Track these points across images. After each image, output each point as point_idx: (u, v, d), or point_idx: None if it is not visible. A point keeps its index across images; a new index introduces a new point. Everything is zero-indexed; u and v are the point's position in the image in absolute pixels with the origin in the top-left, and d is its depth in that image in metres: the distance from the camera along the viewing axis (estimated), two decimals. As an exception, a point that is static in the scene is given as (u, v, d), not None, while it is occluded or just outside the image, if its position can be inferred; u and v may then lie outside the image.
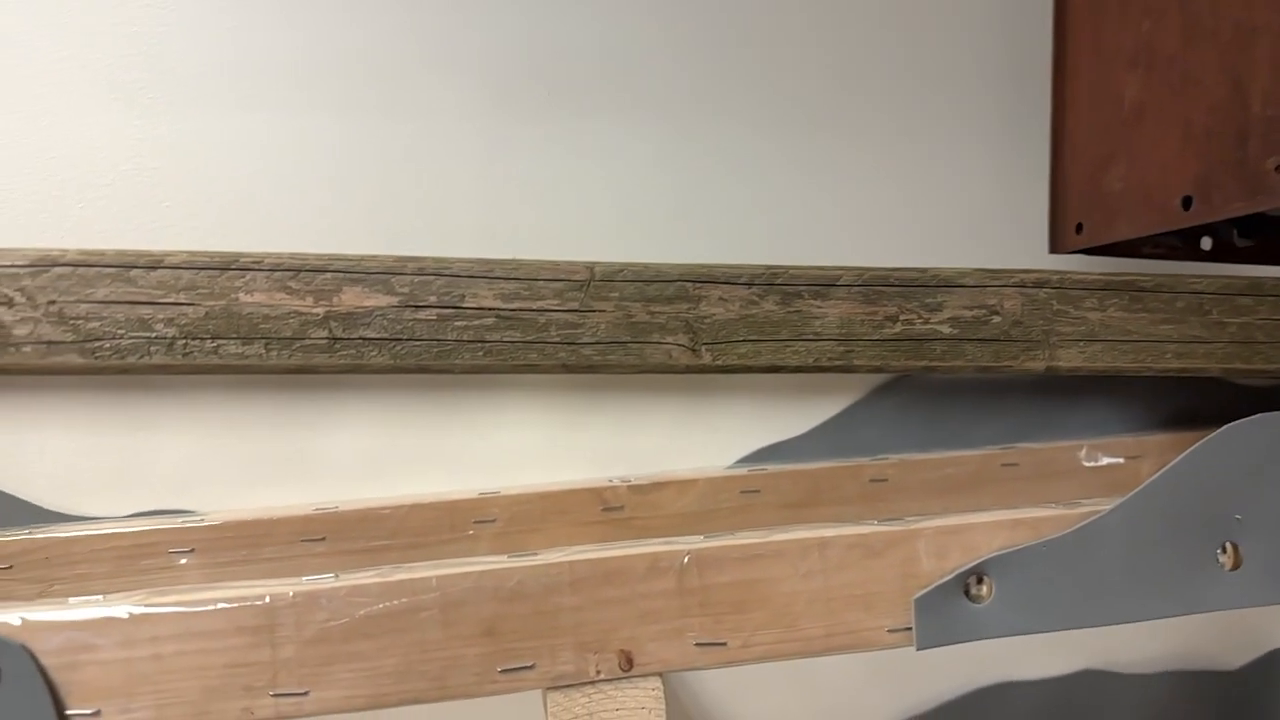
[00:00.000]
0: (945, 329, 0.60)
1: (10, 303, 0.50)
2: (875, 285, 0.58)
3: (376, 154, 0.64)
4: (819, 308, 0.57)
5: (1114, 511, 0.50)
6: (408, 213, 0.65)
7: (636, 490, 0.67)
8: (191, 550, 0.61)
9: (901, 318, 0.59)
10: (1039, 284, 0.62)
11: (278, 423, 0.65)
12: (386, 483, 0.66)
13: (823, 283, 0.59)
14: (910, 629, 0.49)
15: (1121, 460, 0.73)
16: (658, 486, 0.67)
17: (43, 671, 0.41)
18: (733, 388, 0.70)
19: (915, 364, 0.59)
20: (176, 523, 0.61)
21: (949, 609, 0.49)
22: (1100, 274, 0.65)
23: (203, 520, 0.61)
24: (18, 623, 0.42)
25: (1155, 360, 0.64)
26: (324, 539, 0.62)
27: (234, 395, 0.64)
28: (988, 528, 0.50)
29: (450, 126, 0.66)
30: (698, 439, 0.70)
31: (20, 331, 0.51)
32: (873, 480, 0.70)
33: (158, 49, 0.62)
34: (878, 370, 0.58)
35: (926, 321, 0.60)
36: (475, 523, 0.65)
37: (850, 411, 0.72)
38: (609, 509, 0.66)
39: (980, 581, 0.50)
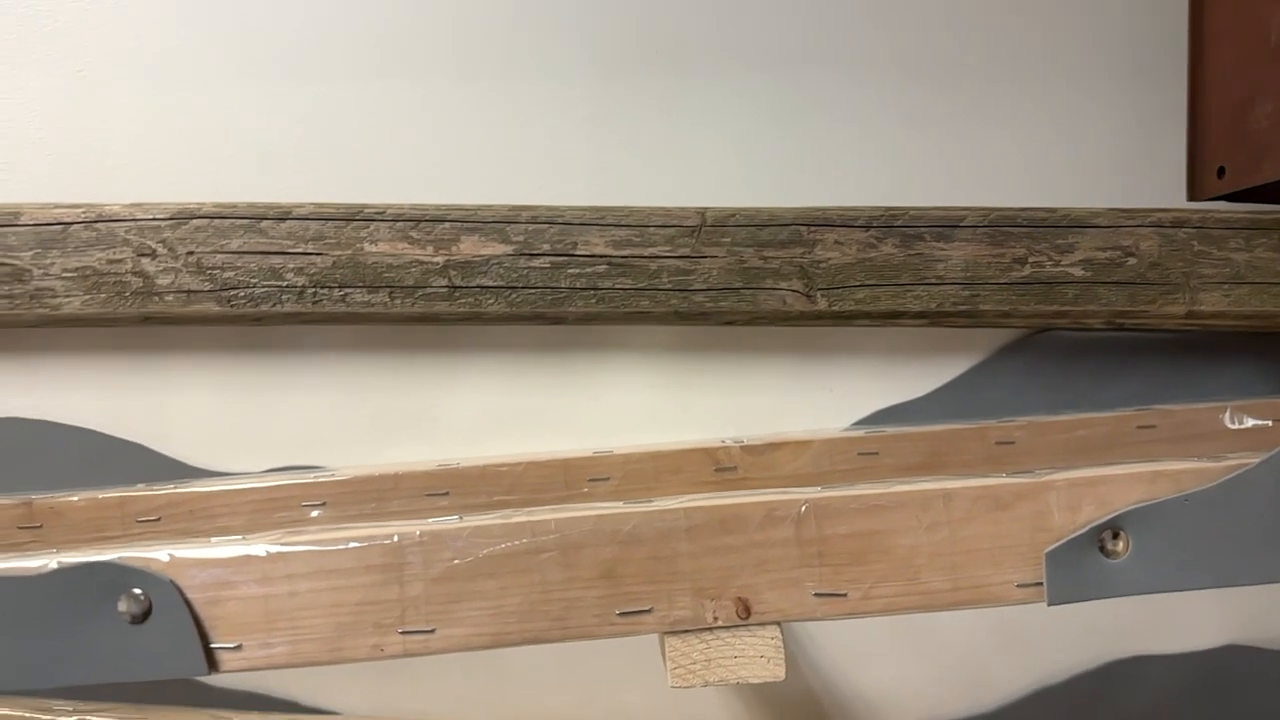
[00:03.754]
0: (1077, 271, 0.57)
1: (153, 254, 0.53)
2: (1002, 226, 0.56)
3: (491, 116, 0.66)
4: (942, 250, 0.55)
5: (1263, 465, 0.47)
6: (522, 174, 0.66)
7: (750, 451, 0.66)
8: (323, 504, 0.63)
9: (1030, 260, 0.57)
10: (1178, 224, 0.58)
11: (401, 383, 0.67)
12: (503, 441, 0.67)
13: (946, 224, 0.56)
14: (1040, 584, 0.47)
15: (1269, 423, 0.68)
16: (772, 447, 0.66)
17: (189, 605, 0.44)
18: (849, 347, 0.68)
19: (1045, 309, 0.56)
20: (308, 478, 0.64)
21: (1082, 564, 0.47)
22: (1246, 213, 0.61)
23: (333, 475, 0.64)
24: (166, 559, 0.44)
25: (1309, 305, 0.60)
26: (447, 493, 0.64)
27: (360, 356, 0.67)
28: (1124, 480, 0.48)
29: (561, 89, 0.66)
30: (813, 400, 0.69)
31: (163, 281, 0.54)
32: (999, 443, 0.67)
33: (280, 23, 0.65)
34: (1005, 316, 0.55)
35: (1057, 264, 0.57)
36: (589, 480, 0.65)
37: (974, 372, 0.69)
38: (722, 469, 0.66)
39: (1116, 536, 0.47)
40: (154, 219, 0.56)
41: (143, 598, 0.43)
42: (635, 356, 0.68)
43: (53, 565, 0.43)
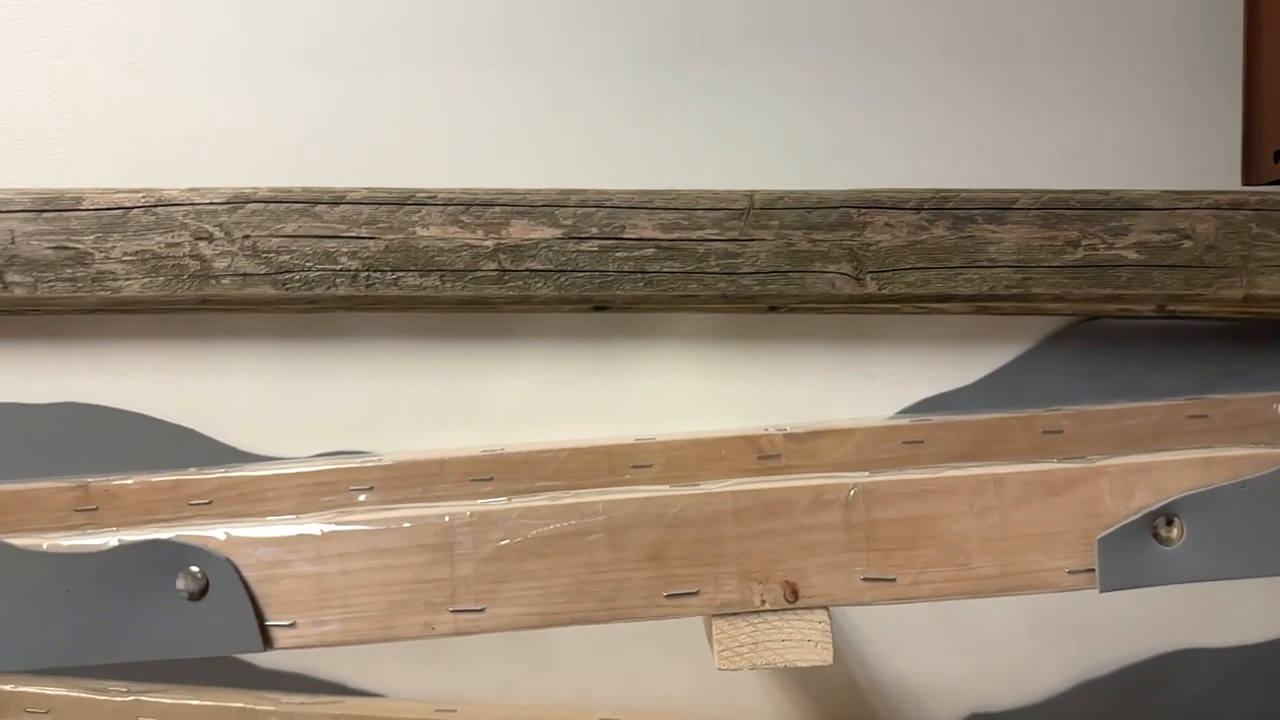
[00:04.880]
0: (1131, 254, 0.56)
1: (210, 237, 0.54)
2: (1055, 208, 0.55)
3: (536, 103, 0.66)
4: (994, 233, 0.55)
5: (1324, 451, 0.46)
6: (568, 160, 0.66)
7: (793, 439, 0.66)
8: (370, 488, 0.64)
9: (1083, 243, 0.56)
10: (1235, 205, 0.57)
11: (446, 370, 0.68)
12: (546, 427, 0.68)
13: (998, 206, 0.56)
14: (1092, 571, 0.46)
15: (1325, 413, 0.67)
16: (815, 435, 0.66)
17: (245, 583, 0.45)
18: (894, 335, 0.68)
19: (1098, 292, 0.55)
20: (355, 462, 0.65)
21: (1135, 551, 0.47)
22: (1308, 195, 0.59)
23: (379, 460, 0.65)
24: (223, 537, 0.45)
25: (1372, 290, 0.59)
26: (491, 479, 0.64)
27: (405, 342, 0.67)
28: (1178, 467, 0.47)
29: (605, 76, 0.67)
30: (856, 388, 0.68)
31: (220, 264, 0.55)
32: (1046, 432, 0.66)
33: (331, 14, 0.66)
34: (1056, 300, 0.55)
35: (1110, 246, 0.56)
36: (632, 467, 0.66)
37: (1021, 360, 0.68)
38: (765, 457, 0.66)
39: (1170, 523, 0.47)
40: (211, 203, 0.57)
41: (200, 575, 0.44)
42: (678, 344, 0.68)
43: (114, 543, 0.44)
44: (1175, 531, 0.46)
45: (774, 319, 0.66)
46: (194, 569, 0.44)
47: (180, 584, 0.44)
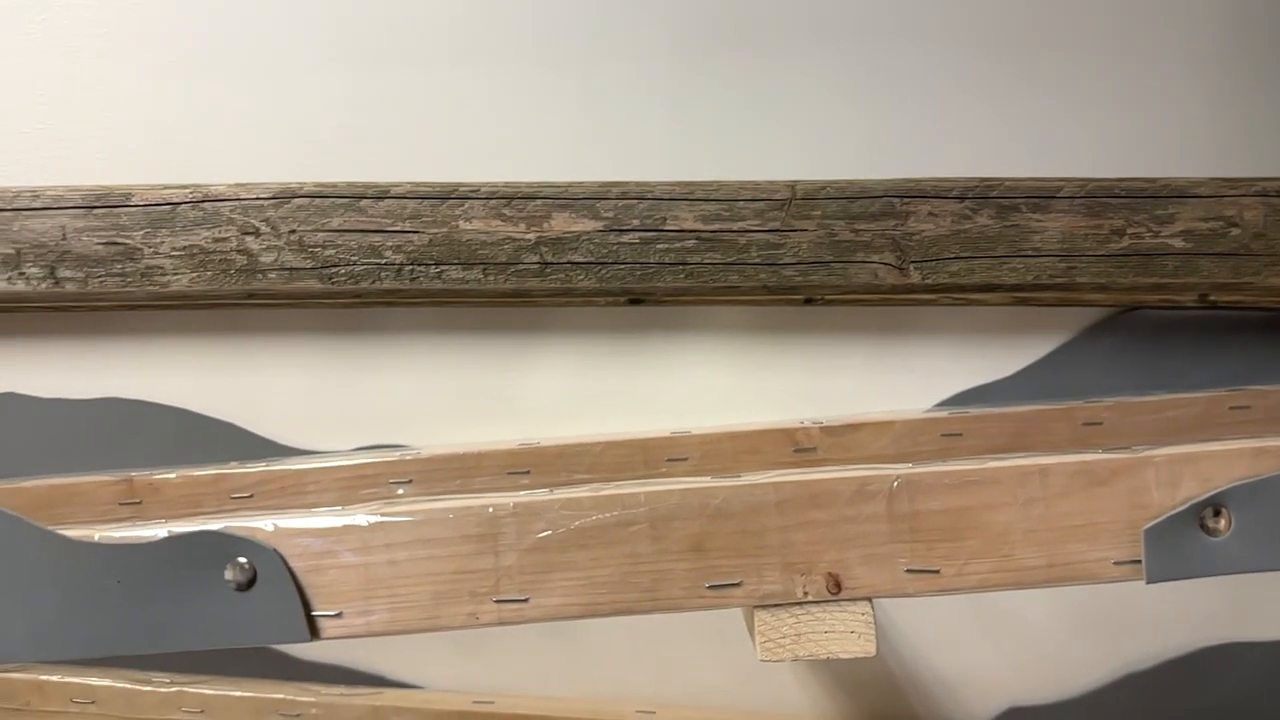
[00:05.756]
0: (1178, 243, 0.56)
1: (257, 232, 0.55)
2: (1100, 196, 0.55)
3: (574, 97, 0.66)
4: (1038, 221, 0.54)
5: (1378, 440, 0.46)
6: (605, 155, 0.66)
7: (830, 432, 0.66)
8: (409, 481, 0.65)
9: (1129, 231, 0.55)
10: (1285, 192, 0.56)
11: (483, 364, 0.68)
12: (582, 421, 0.68)
13: (1042, 194, 0.55)
14: (1139, 562, 0.46)
15: (1371, 405, 0.66)
16: (852, 428, 0.65)
17: (292, 574, 0.45)
18: (931, 327, 0.67)
19: (1144, 281, 0.55)
20: (395, 456, 0.66)
21: (1182, 541, 0.46)
22: (1359, 182, 0.58)
23: (418, 453, 0.65)
24: (270, 529, 0.45)
25: None
26: (528, 472, 0.65)
27: (443, 337, 0.68)
28: (1226, 457, 0.47)
29: (642, 72, 0.67)
30: (893, 381, 0.68)
31: (266, 259, 0.56)
32: (1086, 424, 0.66)
33: (371, 11, 0.67)
34: (1101, 289, 0.54)
35: (1156, 235, 0.55)
36: (667, 460, 0.66)
37: (1060, 352, 0.68)
38: (801, 450, 0.66)
39: (1218, 514, 0.46)
40: (257, 199, 0.57)
41: (248, 566, 0.45)
42: (713, 337, 0.68)
43: (163, 534, 0.44)
44: (1223, 522, 0.46)
45: (809, 311, 0.66)
46: (242, 560, 0.44)
47: (228, 575, 0.44)
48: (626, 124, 0.67)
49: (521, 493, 0.48)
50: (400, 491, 0.64)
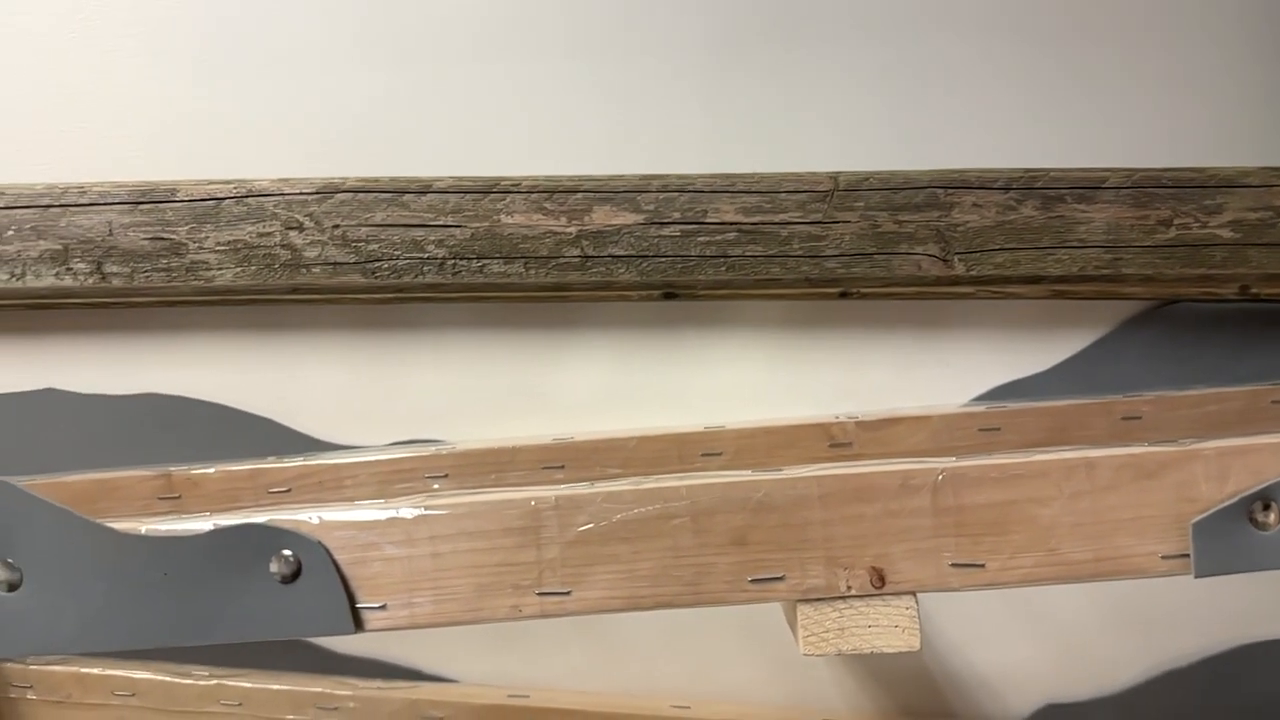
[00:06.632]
0: (1225, 233, 0.55)
1: (300, 227, 0.55)
2: (1146, 187, 0.54)
3: (608, 92, 0.66)
4: (1084, 212, 0.54)
5: None
6: (641, 149, 0.66)
7: (865, 427, 0.65)
8: (445, 475, 0.65)
9: (1176, 222, 0.55)
10: (1335, 182, 0.55)
11: (517, 359, 0.69)
12: (616, 416, 0.68)
13: (1087, 185, 0.55)
14: (1187, 556, 0.45)
15: None
16: (888, 423, 0.65)
17: (337, 566, 0.45)
18: (967, 321, 0.67)
19: (1191, 272, 0.54)
20: (430, 450, 0.66)
21: (1231, 535, 0.46)
22: None
23: (453, 448, 0.66)
24: (316, 521, 0.46)
25: None
26: (563, 466, 0.65)
27: (477, 333, 0.68)
28: (1275, 450, 0.46)
29: (676, 66, 0.66)
30: (929, 375, 0.68)
31: (310, 254, 0.56)
32: (1125, 418, 0.65)
33: (407, 7, 0.67)
34: (1148, 281, 0.54)
35: (1204, 225, 0.55)
36: (702, 455, 0.66)
37: (1098, 346, 0.67)
38: (836, 445, 0.65)
39: (1267, 508, 0.46)
40: (301, 193, 0.58)
41: (293, 559, 0.45)
42: (747, 332, 0.68)
43: (209, 527, 0.45)
44: (1273, 516, 0.45)
45: (844, 306, 0.66)
46: (287, 552, 0.45)
47: (274, 567, 0.45)
48: (662, 118, 0.66)
49: (563, 486, 0.48)
50: (435, 486, 0.65)
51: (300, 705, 0.66)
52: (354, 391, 0.69)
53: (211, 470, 0.65)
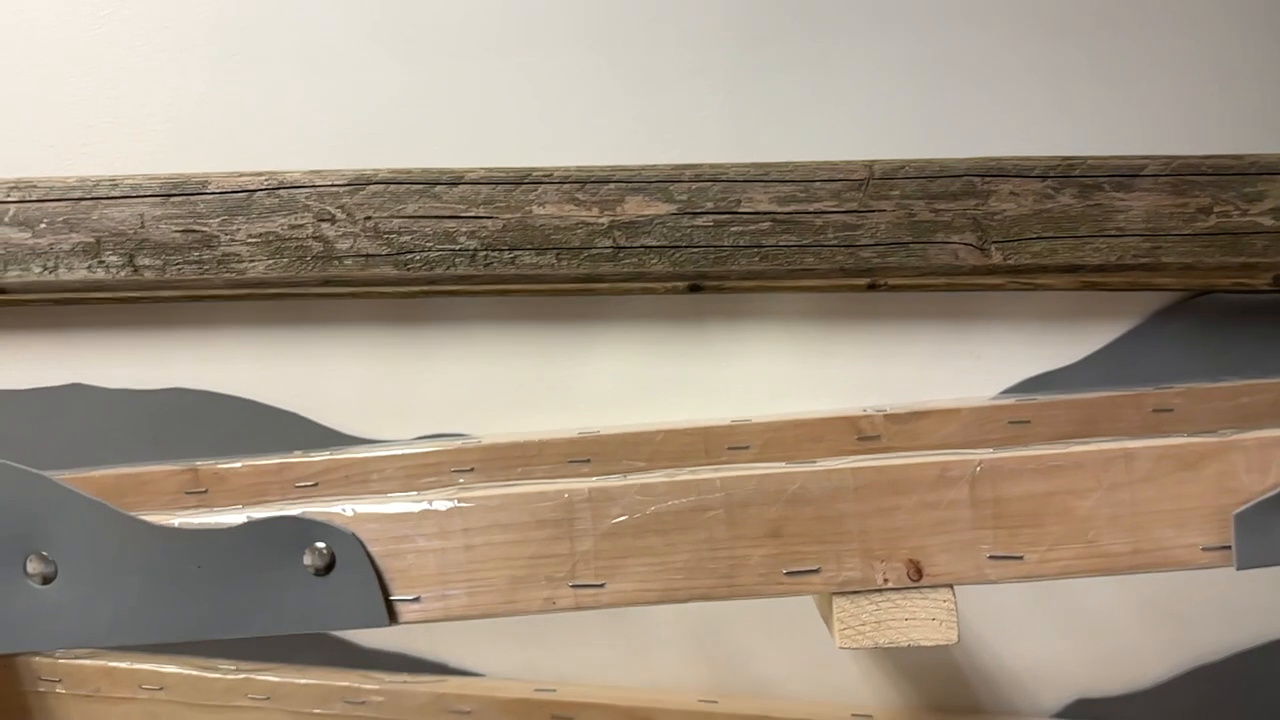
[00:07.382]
0: (1266, 221, 0.54)
1: (332, 219, 0.55)
2: (1185, 175, 0.53)
3: (633, 84, 0.66)
4: (1122, 200, 0.53)
5: None
6: (667, 141, 0.66)
7: (894, 419, 0.65)
8: (471, 469, 0.65)
9: (1216, 209, 0.54)
10: (1377, 168, 0.54)
11: (543, 353, 0.68)
12: (641, 409, 0.68)
13: (1126, 173, 0.54)
14: (1228, 548, 0.45)
15: None
16: (917, 416, 0.64)
17: (370, 558, 0.45)
18: (996, 313, 0.66)
19: (1231, 261, 0.53)
20: (457, 444, 0.66)
21: (1273, 527, 0.45)
22: None
23: (480, 442, 0.65)
24: (349, 514, 0.45)
25: None
26: (589, 460, 0.65)
27: (503, 327, 0.68)
28: (1318, 441, 0.45)
29: (700, 54, 0.66)
30: (958, 368, 0.67)
31: (342, 246, 0.56)
32: (1156, 410, 0.64)
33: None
34: (1187, 270, 0.53)
35: (1245, 213, 0.54)
36: (729, 448, 0.65)
37: (1129, 338, 0.66)
38: (865, 438, 0.65)
39: (1309, 499, 0.45)
40: (332, 185, 0.58)
41: (326, 551, 0.45)
42: (774, 324, 0.67)
43: (242, 520, 0.45)
44: (1315, 508, 0.45)
45: (872, 298, 0.65)
46: (320, 545, 0.45)
47: (307, 560, 0.44)
48: (688, 110, 0.66)
49: (595, 478, 0.47)
50: (462, 480, 0.64)
51: (327, 699, 0.66)
52: (380, 386, 0.68)
53: (238, 465, 0.65)
